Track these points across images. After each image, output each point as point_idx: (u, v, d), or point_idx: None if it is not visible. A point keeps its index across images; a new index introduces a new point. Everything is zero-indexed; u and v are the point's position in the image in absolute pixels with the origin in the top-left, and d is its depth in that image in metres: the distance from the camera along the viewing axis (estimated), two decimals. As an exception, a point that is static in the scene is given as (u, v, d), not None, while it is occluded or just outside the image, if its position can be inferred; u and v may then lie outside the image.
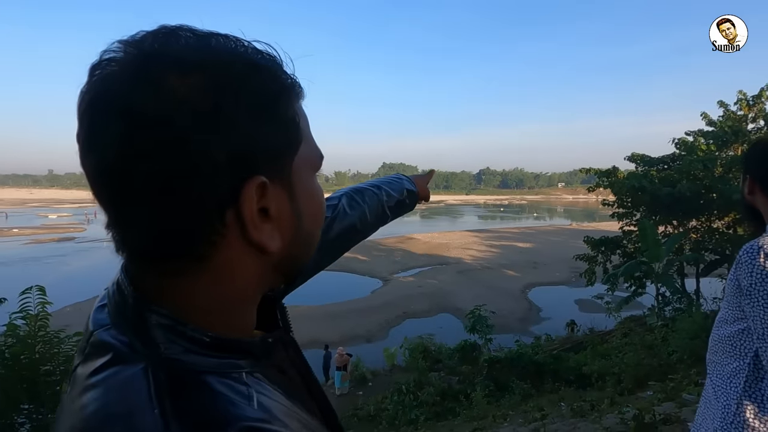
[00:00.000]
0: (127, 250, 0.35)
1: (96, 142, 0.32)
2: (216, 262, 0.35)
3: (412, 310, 17.36)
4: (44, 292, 3.02)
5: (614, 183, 12.79)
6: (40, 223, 49.55)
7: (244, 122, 0.33)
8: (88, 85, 0.33)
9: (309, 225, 0.40)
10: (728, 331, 1.04)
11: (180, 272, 0.35)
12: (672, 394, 4.48)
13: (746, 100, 12.44)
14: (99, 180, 0.33)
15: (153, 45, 0.33)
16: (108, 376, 0.32)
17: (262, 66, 0.35)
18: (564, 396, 6.74)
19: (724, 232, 12.23)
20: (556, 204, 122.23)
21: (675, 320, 8.26)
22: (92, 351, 0.35)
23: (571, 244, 25.85)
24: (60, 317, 4.59)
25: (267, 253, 0.36)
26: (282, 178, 0.36)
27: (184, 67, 0.32)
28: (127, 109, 0.31)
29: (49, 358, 3.00)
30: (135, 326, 0.35)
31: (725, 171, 11.83)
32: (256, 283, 0.38)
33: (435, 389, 8.41)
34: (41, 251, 30.21)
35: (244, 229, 0.34)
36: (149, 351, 0.33)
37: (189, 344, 0.34)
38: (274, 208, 0.36)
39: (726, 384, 1.02)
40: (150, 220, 0.33)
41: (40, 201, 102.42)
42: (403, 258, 28.15)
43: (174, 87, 0.31)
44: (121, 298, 0.36)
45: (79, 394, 0.33)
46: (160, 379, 0.31)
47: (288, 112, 0.37)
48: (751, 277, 0.94)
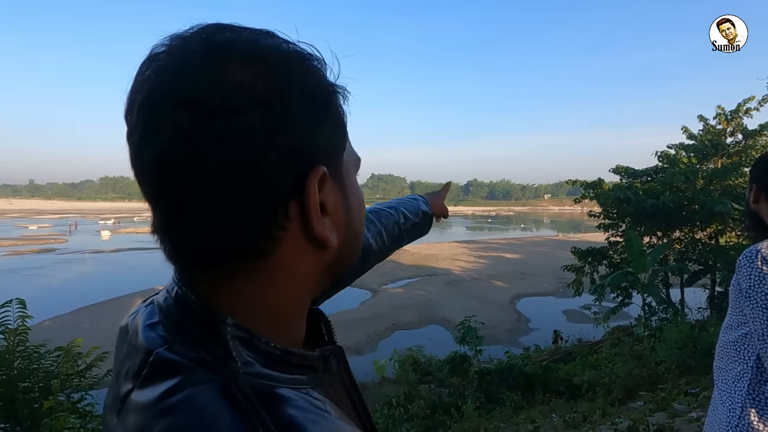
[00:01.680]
0: (182, 253, 0.33)
1: (156, 136, 0.30)
2: (277, 260, 0.33)
3: (401, 322, 17.25)
4: (24, 305, 2.91)
5: (600, 194, 12.99)
6: (20, 235, 48.17)
7: (306, 114, 0.33)
8: (143, 78, 0.32)
9: (357, 224, 0.40)
10: (732, 336, 1.05)
11: (240, 274, 0.33)
12: (663, 404, 4.49)
13: (724, 115, 12.83)
14: (158, 175, 0.31)
15: (212, 37, 0.32)
16: (185, 398, 0.29)
17: (314, 63, 0.35)
18: (555, 407, 6.72)
19: (707, 243, 12.48)
20: (542, 215, 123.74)
21: (662, 330, 8.35)
22: (154, 372, 0.32)
23: (558, 255, 26.15)
24: (39, 331, 4.43)
25: (326, 249, 0.35)
26: (336, 173, 0.36)
27: (247, 58, 0.31)
28: (191, 99, 0.30)
29: (27, 375, 2.88)
30: (208, 341, 0.32)
31: (706, 183, 12.13)
32: (313, 283, 0.37)
33: (425, 402, 8.31)
34: (20, 263, 29.34)
35: (306, 223, 0.33)
36: (228, 367, 0.31)
37: (260, 358, 0.33)
38: (330, 203, 0.35)
39: (731, 389, 1.03)
40: (213, 213, 0.31)
41: (19, 211, 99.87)
42: (392, 269, 28.05)
43: (239, 77, 0.31)
44: (183, 312, 0.34)
45: (145, 421, 0.30)
46: (249, 397, 0.29)
47: (339, 108, 0.37)
48: (750, 279, 0.97)
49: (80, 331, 13.26)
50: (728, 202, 10.54)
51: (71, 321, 15.59)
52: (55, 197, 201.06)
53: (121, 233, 50.16)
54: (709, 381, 5.18)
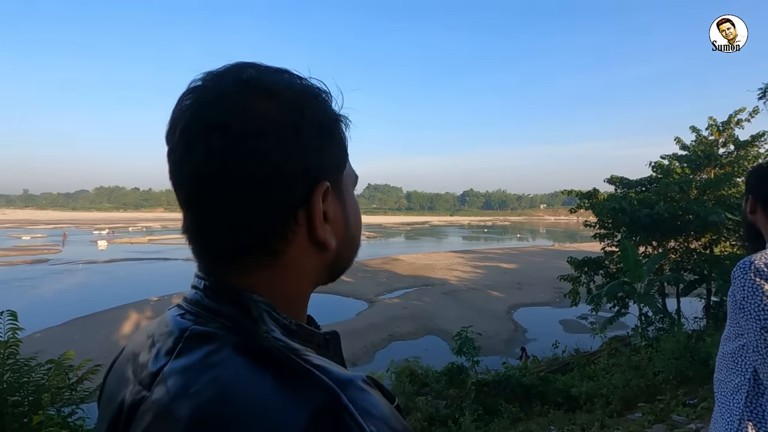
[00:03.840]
0: (209, 250, 0.40)
1: (193, 154, 0.37)
2: (287, 257, 0.40)
3: (398, 333, 17.12)
4: (15, 317, 2.87)
5: (595, 204, 13.05)
6: (13, 245, 47.62)
7: (314, 140, 0.40)
8: (183, 106, 0.39)
9: (354, 230, 0.47)
10: (730, 348, 1.05)
11: (257, 268, 0.40)
12: (661, 416, 4.46)
13: (716, 126, 13.00)
14: (194, 186, 0.38)
15: (240, 74, 0.40)
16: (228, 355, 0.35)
17: (322, 96, 0.43)
18: (553, 419, 6.65)
19: (702, 253, 12.54)
20: (538, 225, 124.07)
21: (659, 340, 8.33)
22: (190, 344, 0.37)
23: (554, 265, 26.15)
24: (30, 343, 4.36)
25: (327, 250, 0.42)
26: (337, 188, 0.43)
27: (268, 92, 0.39)
28: (223, 124, 0.37)
29: (17, 388, 2.81)
30: (238, 316, 0.38)
31: (700, 193, 12.22)
32: (315, 278, 0.44)
33: (422, 414, 8.21)
34: (12, 274, 28.95)
35: (311, 227, 0.40)
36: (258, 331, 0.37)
37: (282, 329, 0.39)
38: (331, 212, 0.42)
39: (729, 401, 1.03)
40: (236, 217, 0.38)
41: (13, 222, 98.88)
42: (388, 279, 27.94)
43: (262, 108, 0.38)
44: (212, 297, 0.40)
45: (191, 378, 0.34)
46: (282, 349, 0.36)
47: (342, 134, 0.44)
48: (743, 291, 0.97)
49: (72, 343, 13.05)
50: (722, 212, 10.62)
51: (63, 333, 15.35)
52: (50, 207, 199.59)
53: (115, 243, 49.78)
54: (707, 392, 5.16)
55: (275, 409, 0.31)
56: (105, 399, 0.44)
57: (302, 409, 0.31)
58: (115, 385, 0.42)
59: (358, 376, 0.35)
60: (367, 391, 0.34)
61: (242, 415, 0.31)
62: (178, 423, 0.32)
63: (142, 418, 0.36)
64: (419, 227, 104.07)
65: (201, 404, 0.32)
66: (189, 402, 0.33)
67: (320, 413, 0.31)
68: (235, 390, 0.32)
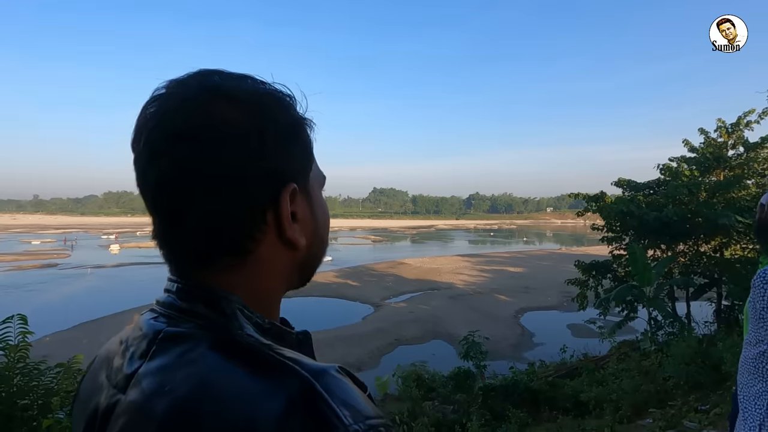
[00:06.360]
0: (180, 253, 0.41)
1: (158, 162, 0.38)
2: (258, 256, 0.41)
3: (404, 337, 17.07)
4: (26, 321, 2.90)
5: (602, 208, 12.94)
6: (23, 249, 48.30)
7: (279, 143, 0.41)
8: (147, 115, 0.39)
9: (322, 230, 0.47)
10: (752, 353, 1.05)
11: (229, 267, 0.40)
12: (673, 422, 4.39)
13: (725, 128, 12.86)
14: (161, 193, 0.39)
15: (203, 81, 0.40)
16: (204, 352, 0.35)
17: (286, 100, 0.44)
18: (562, 425, 6.58)
19: (712, 256, 12.37)
20: (545, 228, 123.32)
21: (669, 345, 8.22)
22: (164, 345, 0.38)
23: (561, 268, 25.95)
24: (39, 347, 4.39)
25: (296, 250, 0.43)
26: (304, 189, 0.44)
27: (231, 99, 0.39)
28: (186, 133, 0.37)
29: (27, 392, 2.84)
30: (212, 315, 0.39)
31: (709, 196, 12.08)
32: (286, 278, 0.45)
33: (429, 419, 8.15)
34: (22, 278, 29.35)
35: (280, 228, 0.41)
36: (232, 329, 0.38)
37: (255, 328, 0.39)
38: (300, 212, 0.43)
39: (752, 405, 1.03)
40: (204, 221, 0.38)
41: (23, 227, 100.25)
42: (394, 283, 27.88)
43: (225, 114, 0.38)
44: (186, 299, 0.40)
45: (166, 377, 0.34)
46: (255, 345, 0.37)
47: (307, 137, 0.45)
48: (764, 300, 0.97)
49: (81, 347, 13.15)
50: (732, 215, 10.48)
51: (72, 337, 15.50)
52: (59, 212, 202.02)
53: (123, 247, 50.24)
54: (720, 398, 5.06)
55: (250, 400, 0.32)
56: (79, 406, 0.44)
57: (278, 399, 0.32)
58: (89, 391, 0.42)
59: (331, 366, 0.36)
60: (341, 380, 0.36)
61: (217, 407, 0.31)
62: (153, 419, 0.33)
63: (117, 421, 0.36)
64: (425, 231, 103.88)
65: (176, 399, 0.33)
66: (164, 399, 0.33)
67: (296, 401, 0.32)
68: (210, 383, 0.33)
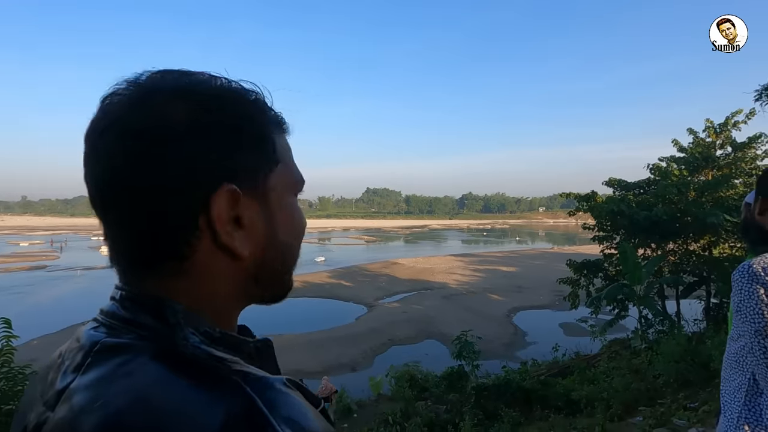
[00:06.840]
0: (123, 257, 0.40)
1: (98, 159, 0.38)
2: (195, 263, 0.39)
3: (397, 337, 17.08)
4: (10, 324, 2.85)
5: (594, 207, 13.06)
6: (10, 252, 47.49)
7: (223, 142, 0.39)
8: (97, 114, 0.39)
9: (284, 236, 0.44)
10: (733, 347, 1.08)
11: (171, 273, 0.38)
12: (662, 420, 4.44)
13: (713, 128, 13.04)
14: (100, 191, 0.39)
15: (148, 80, 0.40)
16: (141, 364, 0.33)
17: (240, 96, 0.42)
18: (554, 424, 6.62)
19: (701, 255, 12.54)
20: (537, 228, 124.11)
21: (659, 343, 8.31)
22: (100, 357, 0.36)
23: (553, 268, 26.14)
24: (26, 351, 4.32)
25: (238, 258, 0.40)
26: (256, 192, 0.41)
27: (182, 96, 0.39)
28: (124, 129, 0.37)
29: (11, 396, 2.79)
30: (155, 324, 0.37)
31: (698, 195, 12.24)
32: (234, 288, 0.42)
33: (422, 419, 8.17)
34: (9, 280, 28.88)
35: (214, 234, 0.38)
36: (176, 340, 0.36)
37: (202, 337, 0.37)
38: (246, 217, 0.40)
39: (731, 399, 1.05)
40: (143, 223, 0.37)
41: (11, 228, 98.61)
42: (387, 283, 27.90)
43: (161, 110, 0.38)
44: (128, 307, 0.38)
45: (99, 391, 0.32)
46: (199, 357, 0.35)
47: (263, 135, 0.42)
48: (740, 294, 1.00)
49: (70, 349, 12.97)
50: (720, 214, 10.63)
51: (60, 340, 14.93)
52: (48, 213, 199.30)
53: (113, 249, 49.42)
54: (708, 395, 5.12)
55: (189, 415, 0.30)
56: (15, 424, 0.42)
57: (216, 414, 0.30)
58: (24, 408, 0.40)
59: (278, 379, 0.35)
60: (287, 394, 0.34)
61: (151, 423, 0.30)
62: None
63: None
64: (418, 231, 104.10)
65: (106, 416, 0.30)
66: (94, 415, 0.31)
67: (235, 418, 0.30)
68: (145, 397, 0.31)
